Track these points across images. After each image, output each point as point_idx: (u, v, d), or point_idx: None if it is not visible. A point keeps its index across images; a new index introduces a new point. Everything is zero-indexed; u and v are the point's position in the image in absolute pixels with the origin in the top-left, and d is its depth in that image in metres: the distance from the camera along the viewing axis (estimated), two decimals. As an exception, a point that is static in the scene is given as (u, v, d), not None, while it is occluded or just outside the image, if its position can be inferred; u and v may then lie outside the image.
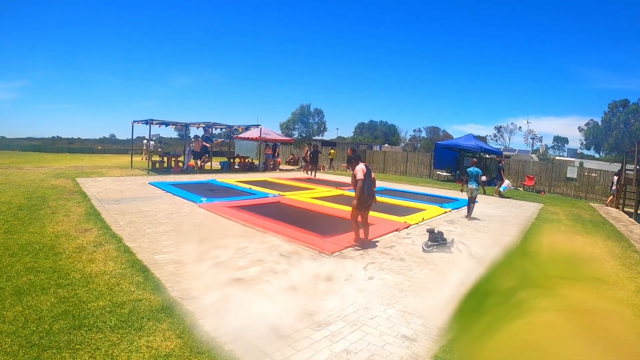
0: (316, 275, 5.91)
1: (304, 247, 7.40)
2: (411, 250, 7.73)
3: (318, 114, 31.23)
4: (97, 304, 4.57)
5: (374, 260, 6.90)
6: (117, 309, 4.49)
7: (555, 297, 1.26)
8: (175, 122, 21.22)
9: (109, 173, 19.11)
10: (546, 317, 1.22)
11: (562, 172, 23.47)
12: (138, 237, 7.63)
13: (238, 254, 6.69)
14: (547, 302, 1.24)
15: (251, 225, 8.84)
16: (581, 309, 1.23)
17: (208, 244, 7.21)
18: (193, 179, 18.08)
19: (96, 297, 4.76)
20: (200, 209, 10.69)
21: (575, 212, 14.91)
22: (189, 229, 8.36)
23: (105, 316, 4.29)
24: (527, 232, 10.14)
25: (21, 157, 33.52)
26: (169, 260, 6.31)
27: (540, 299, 1.24)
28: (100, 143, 75.16)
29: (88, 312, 4.36)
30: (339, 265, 6.47)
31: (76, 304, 4.55)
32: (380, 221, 10.04)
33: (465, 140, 26.42)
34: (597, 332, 1.18)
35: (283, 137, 31.02)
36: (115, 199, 11.62)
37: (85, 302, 4.62)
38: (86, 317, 4.24)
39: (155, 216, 9.54)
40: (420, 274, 6.34)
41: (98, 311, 4.39)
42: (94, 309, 4.44)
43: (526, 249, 5.84)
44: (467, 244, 8.46)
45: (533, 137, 57.61)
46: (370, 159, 32.19)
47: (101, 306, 4.53)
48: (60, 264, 5.84)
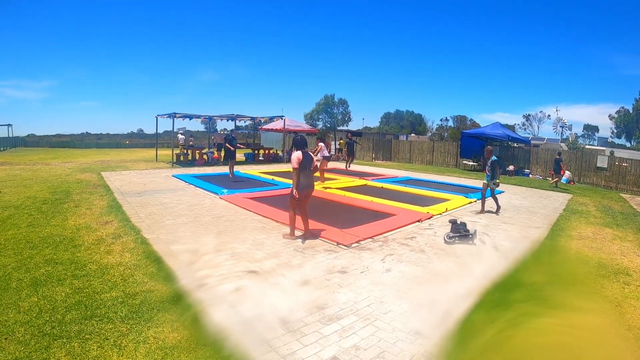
0: (331, 268, 5.77)
1: (322, 239, 7.27)
2: (432, 241, 7.49)
3: (342, 104, 30.89)
4: (110, 295, 4.61)
5: (392, 251, 6.71)
6: (129, 299, 4.51)
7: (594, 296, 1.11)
8: (198, 115, 21.32)
9: (134, 167, 19.42)
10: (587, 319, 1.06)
11: (592, 162, 22.56)
12: (157, 228, 7.67)
13: (256, 246, 6.62)
14: (584, 301, 1.10)
15: (270, 218, 8.76)
16: None
17: (226, 236, 7.17)
18: (216, 171, 18.16)
19: (110, 288, 4.80)
20: (222, 201, 10.68)
21: (605, 204, 14.26)
22: (208, 221, 8.34)
23: (117, 307, 4.32)
24: (555, 225, 9.72)
25: (49, 153, 34.52)
26: (184, 250, 6.30)
27: (581, 298, 1.10)
28: (128, 138, 76.54)
29: (100, 303, 4.39)
30: (356, 257, 6.31)
31: (90, 295, 4.59)
32: (403, 212, 9.81)
33: (492, 128, 25.74)
34: None
35: (307, 127, 30.81)
36: (138, 192, 11.73)
37: (99, 292, 4.67)
38: (98, 308, 4.28)
39: (175, 208, 9.57)
40: (440, 266, 6.12)
41: (110, 302, 4.43)
42: (106, 300, 4.48)
43: (557, 243, 5.56)
44: (491, 235, 8.16)
45: (562, 126, 55.71)
46: (396, 149, 31.79)
47: (114, 297, 4.56)
48: (78, 256, 5.92)
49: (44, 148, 49.19)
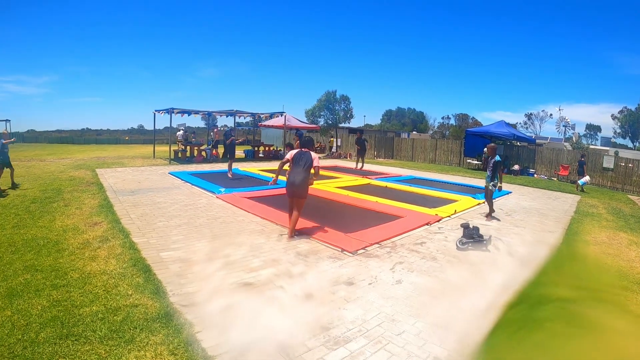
0: (336, 279, 5.24)
1: (324, 244, 6.75)
2: (444, 247, 6.98)
3: (344, 101, 30.22)
4: (90, 309, 4.14)
5: (402, 259, 6.19)
6: (110, 315, 4.03)
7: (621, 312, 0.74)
8: (196, 111, 20.78)
9: (131, 163, 18.93)
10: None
11: (598, 162, 22.06)
12: (148, 231, 7.19)
13: (252, 253, 6.09)
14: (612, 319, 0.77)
15: (269, 219, 8.24)
16: None
17: (221, 241, 6.65)
18: (215, 168, 17.65)
19: (90, 301, 4.33)
20: (218, 200, 10.16)
21: (614, 206, 13.86)
22: (202, 223, 7.82)
23: (96, 324, 3.84)
24: (568, 228, 9.25)
25: (46, 149, 33.97)
26: (175, 258, 5.78)
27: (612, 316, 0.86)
28: (128, 134, 76.17)
29: (79, 319, 3.92)
30: (362, 266, 5.78)
31: (68, 309, 4.13)
32: (409, 213, 9.30)
33: (496, 127, 25.18)
34: None
35: (308, 124, 30.25)
36: (131, 190, 11.25)
37: (78, 306, 4.21)
38: (76, 325, 3.81)
39: (169, 208, 9.07)
40: (454, 276, 5.60)
41: (89, 318, 3.96)
42: (85, 315, 4.01)
43: (575, 250, 5.00)
44: (505, 240, 7.65)
45: (565, 125, 55.07)
46: (399, 146, 31.28)
47: (94, 312, 4.09)
48: (60, 262, 5.48)
49: (42, 144, 48.65)
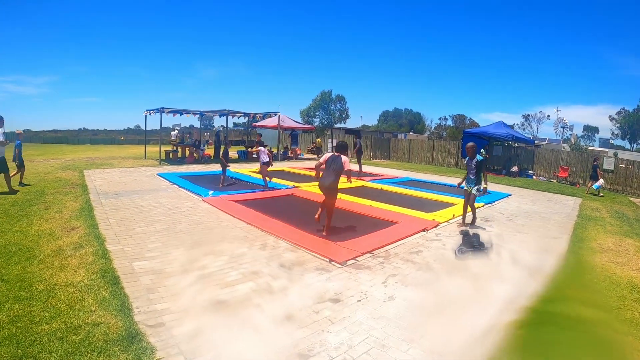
0: (321, 295, 4.71)
1: (312, 254, 6.23)
2: (441, 255, 6.47)
3: (340, 101, 29.75)
4: (50, 327, 3.71)
5: (396, 270, 5.67)
6: (69, 334, 3.61)
7: None
8: (188, 110, 20.21)
9: (121, 164, 18.45)
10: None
11: (598, 163, 21.65)
12: (124, 237, 6.71)
13: (231, 264, 5.56)
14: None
15: (255, 225, 7.73)
16: None
17: (199, 250, 6.12)
18: (206, 170, 17.14)
19: (51, 317, 3.90)
20: (204, 204, 9.65)
21: (617, 209, 13.48)
22: (183, 229, 7.31)
23: (53, 344, 3.44)
24: (573, 234, 8.79)
25: (39, 149, 33.31)
26: (147, 269, 5.28)
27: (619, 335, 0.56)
28: (125, 134, 75.52)
29: (36, 338, 3.51)
30: (351, 279, 5.26)
31: (27, 326, 3.72)
32: (405, 218, 8.80)
33: (495, 127, 24.69)
34: None
35: (303, 124, 29.73)
36: (116, 193, 10.76)
37: (38, 323, 3.79)
38: (32, 345, 3.42)
39: (151, 212, 8.58)
40: (454, 290, 5.08)
41: (47, 337, 3.54)
42: (43, 334, 3.59)
43: (583, 260, 4.47)
44: (507, 247, 7.15)
45: (563, 126, 54.67)
46: (395, 147, 30.83)
47: (53, 330, 3.67)
48: (28, 272, 5.06)
49: (36, 144, 47.87)
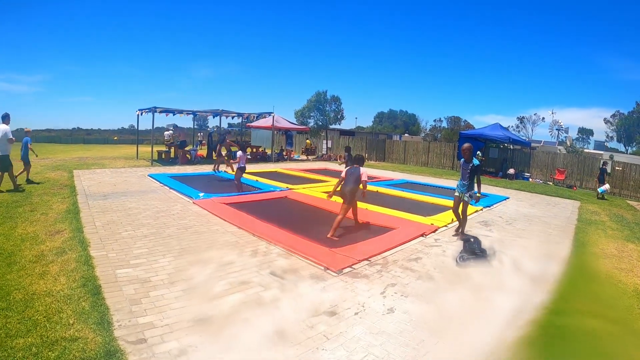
0: (316, 307, 4.39)
1: (306, 260, 5.91)
2: (442, 263, 6.18)
3: (335, 101, 29.39)
4: (25, 341, 3.44)
5: (394, 279, 5.37)
6: (45, 350, 3.33)
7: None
8: (180, 110, 19.86)
9: (111, 164, 18.07)
10: None
11: (595, 166, 21.52)
12: (110, 242, 6.39)
13: (219, 273, 5.21)
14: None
15: (246, 230, 7.40)
16: None
17: (187, 257, 5.79)
18: (198, 171, 16.80)
19: (27, 331, 3.62)
20: (194, 207, 9.32)
21: (615, 212, 13.29)
22: (171, 234, 6.98)
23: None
24: (575, 239, 8.57)
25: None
26: (131, 277, 4.96)
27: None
28: (118, 134, 74.88)
29: (10, 354, 3.26)
30: (348, 289, 4.95)
31: (1, 340, 3.44)
32: (403, 223, 8.51)
33: (491, 129, 24.48)
34: None
35: (297, 125, 29.37)
36: (104, 194, 10.44)
37: (13, 336, 3.51)
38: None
39: (139, 215, 8.25)
40: (457, 302, 4.78)
41: (22, 352, 3.27)
42: (18, 349, 3.32)
43: (588, 267, 4.16)
44: (509, 254, 6.86)
45: (559, 129, 54.69)
46: (390, 149, 30.60)
47: (29, 344, 3.39)
48: (7, 279, 4.78)
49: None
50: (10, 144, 10.54)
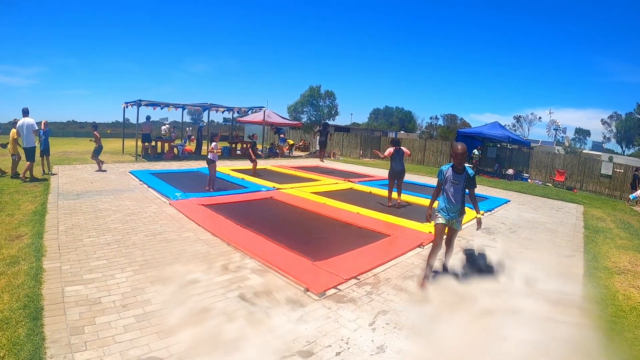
0: (289, 346, 3.60)
1: (284, 278, 5.13)
2: (442, 282, 5.34)
3: (329, 97, 28.50)
4: None
5: (386, 305, 4.60)
6: None
7: None
8: (167, 104, 19.03)
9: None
10: None
11: (596, 168, 20.94)
12: (68, 251, 5.66)
13: (179, 296, 4.42)
14: None
15: (221, 238, 6.62)
16: None
17: (148, 273, 5.01)
18: (183, 167, 16.00)
19: None
20: (170, 209, 8.55)
21: (620, 218, 12.72)
22: (137, 242, 6.20)
23: None
24: (586, 250, 7.93)
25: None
26: (80, 297, 4.24)
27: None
28: (112, 127, 74.02)
29: None
30: (331, 318, 4.16)
31: None
32: (398, 230, 7.76)
33: (489, 128, 23.78)
34: None
35: (290, 120, 28.52)
36: (78, 193, 9.73)
37: None
38: None
39: (107, 218, 7.50)
40: (462, 334, 3.96)
41: None
42: None
43: (602, 288, 3.25)
44: (519, 271, 5.94)
45: (556, 129, 54.15)
46: (385, 146, 29.74)
47: None
48: None
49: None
50: (35, 135, 11.61)
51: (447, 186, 5.21)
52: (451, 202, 5.21)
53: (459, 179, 5.18)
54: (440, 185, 5.33)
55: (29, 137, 11.40)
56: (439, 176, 5.34)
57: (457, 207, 5.25)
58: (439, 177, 5.35)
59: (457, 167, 5.22)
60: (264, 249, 6.04)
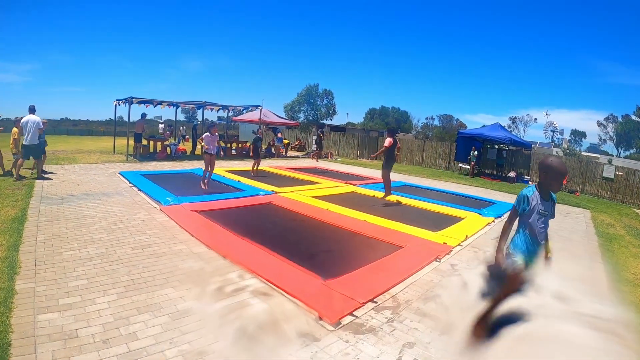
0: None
1: (291, 302, 4.46)
2: (468, 303, 4.54)
3: (327, 95, 27.70)
4: None
5: (411, 335, 3.96)
6: None
7: None
8: (160, 101, 18.34)
9: (84, 159, 16.54)
10: None
11: (598, 171, 20.53)
12: (45, 267, 4.98)
13: (169, 332, 3.69)
14: None
15: (217, 251, 5.92)
16: None
17: (134, 298, 4.32)
18: (176, 168, 15.32)
19: None
20: (161, 215, 7.87)
21: (628, 223, 12.41)
22: (122, 257, 5.51)
23: None
24: (605, 260, 7.48)
25: (6, 140, 30.91)
26: (55, 330, 3.57)
27: None
28: (106, 125, 73.18)
29: None
30: (350, 355, 3.50)
31: None
32: (410, 240, 7.12)
33: (491, 130, 23.27)
34: None
35: (286, 120, 27.84)
36: (62, 196, 9.05)
37: None
38: None
39: (92, 226, 6.83)
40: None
41: None
42: None
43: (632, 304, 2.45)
44: (546, 286, 5.31)
45: (553, 130, 53.84)
46: (382, 146, 29.27)
47: None
48: None
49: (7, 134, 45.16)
50: (40, 133, 11.38)
51: (533, 219, 3.71)
52: (537, 242, 3.78)
53: (547, 208, 3.74)
54: (519, 217, 3.81)
55: (33, 135, 11.18)
56: (522, 205, 3.72)
57: (541, 247, 3.91)
58: (520, 207, 3.74)
59: (545, 192, 3.74)
60: (266, 265, 5.37)
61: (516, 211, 3.77)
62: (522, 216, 3.75)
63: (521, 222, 3.78)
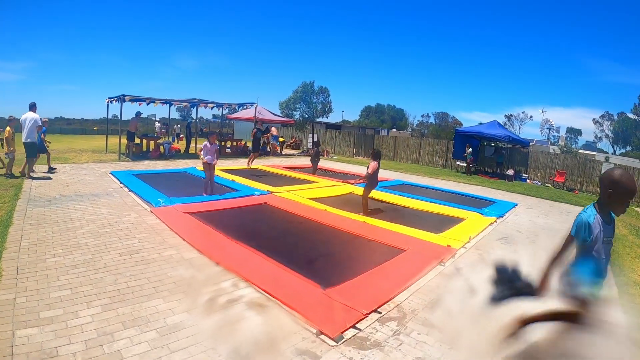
0: None
1: (289, 315, 4.15)
2: (477, 310, 4.40)
3: (323, 93, 27.32)
4: None
5: (419, 349, 3.70)
6: None
7: None
8: (152, 99, 17.90)
9: (75, 158, 16.11)
10: None
11: (595, 169, 20.35)
12: (27, 276, 4.67)
13: (157, 350, 3.37)
14: None
15: (209, 257, 5.60)
16: None
17: (120, 311, 4.01)
18: (169, 167, 14.97)
19: None
20: (151, 217, 7.56)
21: (629, 222, 12.13)
22: (109, 263, 5.20)
23: None
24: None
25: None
26: (34, 349, 3.26)
27: None
28: (99, 124, 72.54)
29: None
30: None
31: None
32: (412, 243, 6.85)
33: (488, 127, 22.97)
34: None
35: (282, 117, 27.47)
36: (50, 198, 8.73)
37: None
38: None
39: (79, 230, 6.51)
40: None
41: None
42: None
43: None
44: (556, 290, 5.11)
45: (549, 128, 53.83)
46: (379, 144, 29.00)
47: None
48: None
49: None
50: (39, 131, 11.44)
51: (597, 248, 2.99)
52: (603, 273, 3.09)
53: (611, 234, 3.04)
54: (578, 247, 3.10)
55: (31, 132, 11.07)
56: (582, 235, 2.99)
57: (604, 282, 3.11)
58: (580, 237, 3.02)
59: (606, 213, 3.02)
60: (262, 272, 5.07)
61: (573, 240, 3.08)
62: (582, 247, 3.06)
63: (580, 253, 3.09)
